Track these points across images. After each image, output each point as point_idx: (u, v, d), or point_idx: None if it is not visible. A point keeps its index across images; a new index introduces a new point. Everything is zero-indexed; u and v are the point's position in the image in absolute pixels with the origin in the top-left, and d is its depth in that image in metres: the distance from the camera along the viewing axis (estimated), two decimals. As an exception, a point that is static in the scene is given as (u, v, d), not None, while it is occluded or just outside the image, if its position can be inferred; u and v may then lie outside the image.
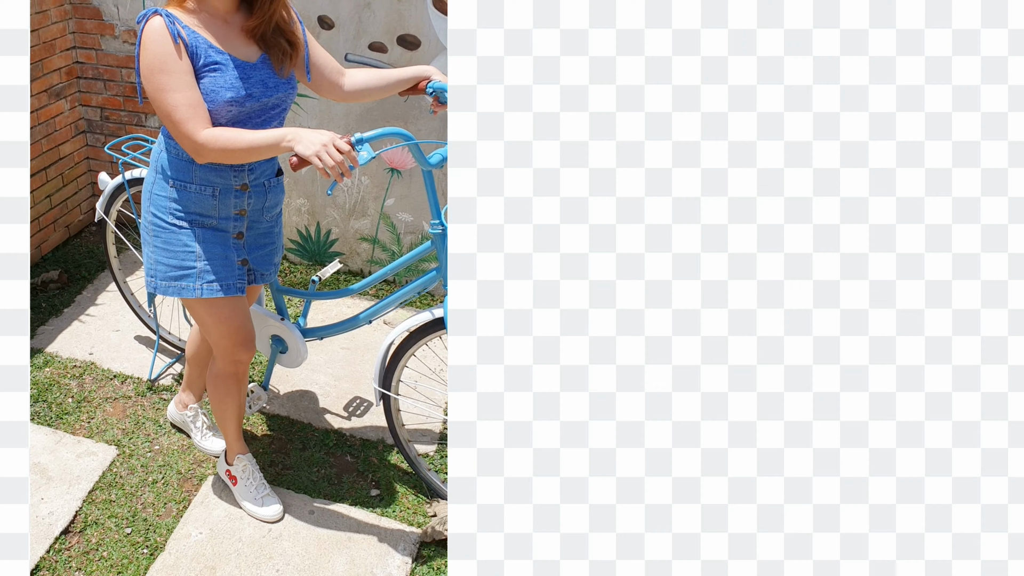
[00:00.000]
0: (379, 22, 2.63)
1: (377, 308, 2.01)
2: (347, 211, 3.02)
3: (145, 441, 2.23)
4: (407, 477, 2.18)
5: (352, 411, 2.43)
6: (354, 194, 2.98)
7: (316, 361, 2.63)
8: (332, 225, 3.04)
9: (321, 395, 2.49)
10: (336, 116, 2.82)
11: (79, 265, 3.11)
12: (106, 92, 3.18)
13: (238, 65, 1.59)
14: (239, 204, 1.71)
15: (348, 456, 2.25)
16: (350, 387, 2.53)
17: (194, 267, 1.68)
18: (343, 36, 2.70)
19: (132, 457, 2.17)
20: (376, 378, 1.95)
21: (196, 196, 1.66)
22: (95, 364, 2.53)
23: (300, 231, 3.08)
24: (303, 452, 2.25)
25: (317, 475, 2.17)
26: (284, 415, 2.38)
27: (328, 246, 3.08)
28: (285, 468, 2.19)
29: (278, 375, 2.55)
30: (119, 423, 2.29)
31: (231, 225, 1.72)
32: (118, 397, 2.39)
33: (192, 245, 1.68)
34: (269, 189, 1.76)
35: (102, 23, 3.03)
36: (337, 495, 2.11)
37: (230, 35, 1.60)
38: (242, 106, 1.59)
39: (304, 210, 3.04)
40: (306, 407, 2.43)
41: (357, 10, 2.64)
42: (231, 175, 1.67)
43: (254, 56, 1.63)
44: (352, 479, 2.17)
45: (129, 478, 2.10)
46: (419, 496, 2.11)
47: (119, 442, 2.22)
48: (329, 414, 2.42)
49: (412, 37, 2.63)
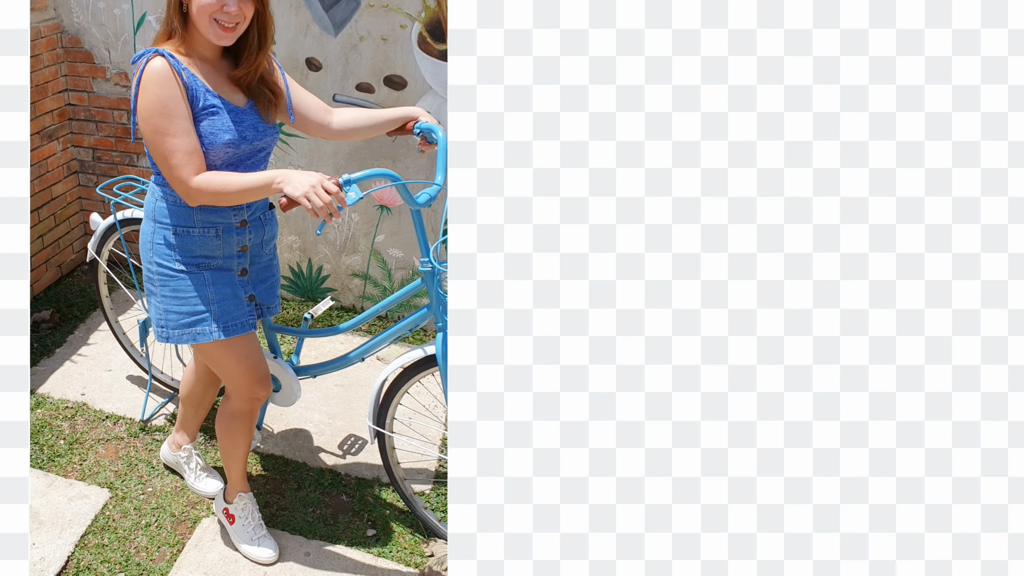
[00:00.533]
0: (366, 63, 2.69)
1: (370, 345, 2.01)
2: (338, 247, 3.06)
3: (138, 483, 2.20)
4: (403, 516, 2.16)
5: (347, 449, 2.41)
6: (345, 231, 3.01)
7: (310, 399, 2.61)
8: (324, 261, 3.07)
9: (316, 433, 2.47)
10: (325, 155, 2.86)
11: (71, 304, 3.10)
12: (98, 133, 3.22)
13: (231, 110, 1.62)
14: (240, 240, 1.73)
15: (344, 495, 2.23)
16: (345, 425, 2.51)
17: (207, 311, 1.68)
18: (331, 77, 2.75)
19: (125, 500, 2.14)
20: (370, 416, 1.94)
21: (200, 239, 1.67)
22: (87, 405, 2.50)
23: (292, 267, 3.11)
24: (298, 492, 2.23)
25: (312, 515, 2.15)
26: (279, 454, 2.36)
27: (320, 282, 3.11)
28: (280, 509, 2.16)
29: (272, 414, 2.53)
30: (112, 465, 2.25)
31: (235, 263, 1.73)
32: (111, 438, 2.37)
33: (203, 289, 1.68)
34: (265, 223, 1.79)
35: (94, 66, 3.09)
36: (333, 536, 2.09)
37: (219, 80, 1.63)
38: (237, 148, 1.62)
39: (296, 247, 3.07)
40: (301, 446, 2.41)
41: (344, 52, 2.69)
42: (230, 213, 1.69)
43: (243, 102, 1.66)
44: (348, 519, 2.14)
45: (122, 521, 2.07)
46: (416, 535, 2.10)
47: (112, 484, 2.19)
48: (324, 453, 2.40)
49: (398, 77, 2.69)
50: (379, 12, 2.61)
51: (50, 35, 3.00)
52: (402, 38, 2.62)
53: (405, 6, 2.59)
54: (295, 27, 2.72)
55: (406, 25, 2.60)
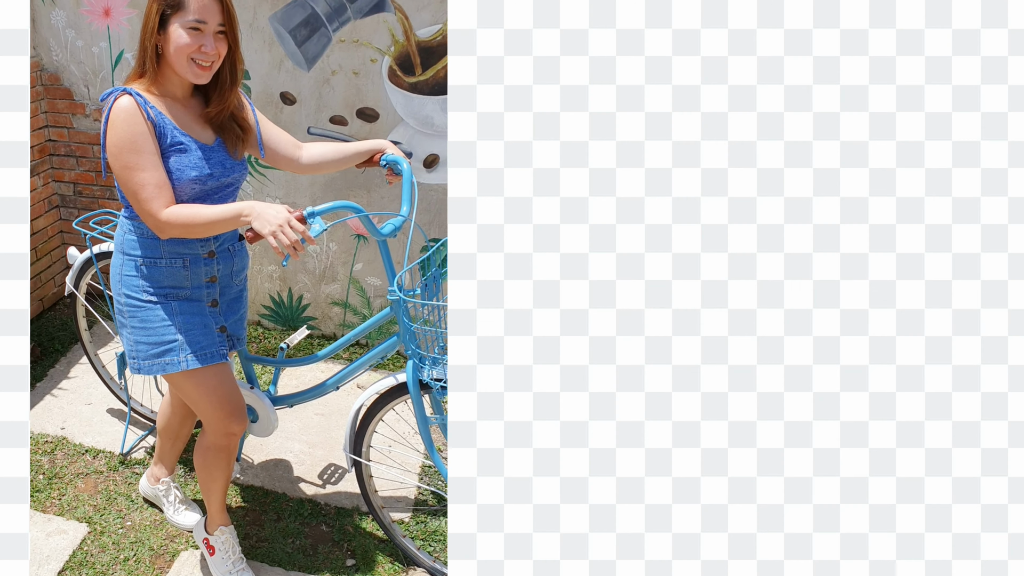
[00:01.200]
0: (338, 97, 2.76)
1: (345, 373, 2.02)
2: (317, 276, 3.10)
3: (117, 517, 2.19)
4: (383, 545, 2.15)
5: (327, 479, 2.41)
6: (323, 260, 3.06)
7: (290, 429, 2.60)
8: (303, 291, 3.11)
9: (296, 463, 2.46)
10: (302, 186, 2.91)
11: (52, 338, 3.08)
12: (78, 168, 3.25)
13: (199, 147, 1.66)
14: (209, 271, 1.75)
15: (323, 525, 2.22)
16: (324, 454, 2.50)
17: (176, 340, 1.70)
18: (305, 111, 2.82)
19: (103, 534, 2.13)
20: (347, 445, 1.95)
21: (167, 270, 1.70)
22: (67, 439, 2.48)
23: (272, 297, 3.14)
24: (278, 523, 2.22)
25: (292, 546, 2.14)
26: (258, 485, 2.35)
27: (300, 311, 3.14)
28: (260, 540, 2.16)
29: (252, 444, 2.52)
30: (90, 499, 2.25)
31: (204, 293, 1.75)
32: (90, 472, 2.35)
33: (169, 319, 1.70)
34: (235, 254, 1.82)
35: (73, 103, 3.13)
36: (312, 567, 2.08)
37: (188, 117, 1.67)
38: (204, 184, 1.65)
39: (276, 276, 3.11)
40: (280, 476, 2.41)
41: (317, 86, 2.76)
42: (197, 244, 1.72)
43: (211, 139, 1.69)
44: (327, 549, 2.14)
45: (100, 556, 2.06)
46: (395, 564, 2.09)
47: (90, 519, 2.18)
48: (304, 483, 2.39)
49: (370, 110, 2.75)
50: (350, 47, 2.68)
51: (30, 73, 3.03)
52: (373, 72, 2.70)
53: (375, 41, 2.66)
54: (269, 62, 2.78)
55: (376, 59, 2.68)
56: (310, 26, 2.67)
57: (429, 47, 2.60)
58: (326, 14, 2.64)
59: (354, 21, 2.63)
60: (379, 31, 2.64)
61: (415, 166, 2.76)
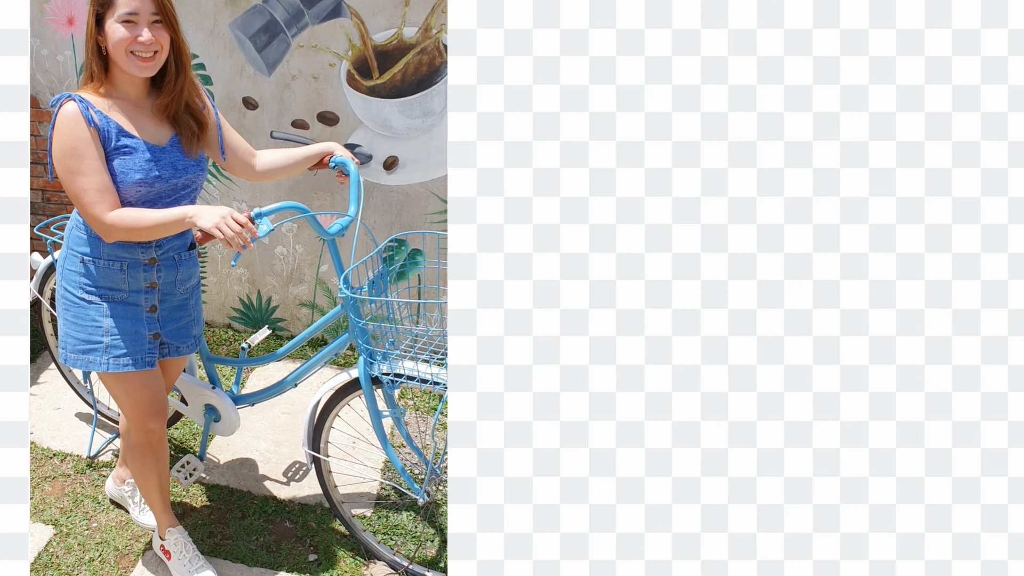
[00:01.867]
0: (299, 101, 2.81)
1: (302, 371, 2.06)
2: (285, 278, 3.13)
3: (83, 519, 2.21)
4: (345, 540, 2.17)
5: (291, 476, 2.43)
6: (290, 262, 3.09)
7: (257, 428, 2.62)
8: (272, 292, 3.14)
9: (261, 462, 2.48)
10: (266, 188, 2.96)
11: None
12: (46, 175, 3.24)
13: (149, 148, 1.67)
14: (149, 278, 1.76)
15: (287, 522, 2.25)
16: (290, 452, 2.53)
17: (101, 342, 1.74)
18: (267, 115, 2.87)
19: (69, 536, 2.15)
20: (306, 441, 1.99)
21: (105, 271, 1.72)
22: (35, 443, 2.49)
23: (242, 299, 3.18)
24: (242, 521, 2.24)
25: (256, 543, 2.16)
26: (224, 484, 2.37)
27: (270, 313, 3.18)
28: (224, 538, 2.17)
29: (218, 444, 2.54)
30: (57, 502, 2.26)
31: (142, 298, 1.77)
32: (57, 476, 2.36)
33: (100, 320, 1.73)
34: (180, 263, 1.82)
35: (40, 111, 3.13)
36: (275, 563, 2.10)
37: (141, 119, 1.68)
38: (151, 187, 1.67)
39: (244, 279, 3.14)
40: (246, 475, 2.42)
41: (278, 91, 2.82)
42: (138, 250, 1.73)
43: (165, 139, 1.71)
44: (291, 545, 2.17)
45: (65, 557, 2.08)
46: (356, 558, 2.12)
47: (56, 521, 2.19)
48: (269, 480, 2.41)
49: (331, 114, 2.81)
50: (309, 52, 2.74)
51: None
52: (332, 76, 2.76)
53: (333, 46, 2.72)
54: (231, 68, 2.82)
55: (335, 64, 2.74)
56: (269, 32, 2.74)
57: (385, 51, 2.64)
58: (284, 20, 2.69)
59: (312, 27, 2.69)
60: (336, 36, 2.69)
61: (375, 168, 2.80)
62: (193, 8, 2.71)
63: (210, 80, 2.82)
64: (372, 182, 2.84)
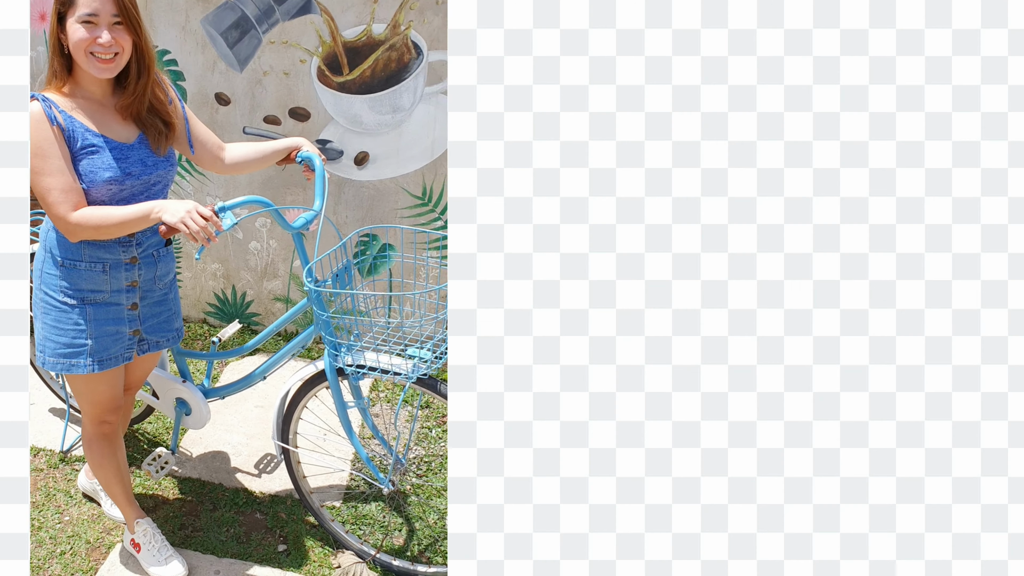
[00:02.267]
0: (271, 97, 2.84)
1: (268, 364, 2.10)
2: (259, 273, 3.15)
3: (55, 513, 2.23)
4: (314, 530, 2.20)
5: (263, 468, 2.46)
6: (264, 257, 3.12)
7: (230, 421, 2.65)
8: (247, 287, 3.16)
9: (233, 455, 2.51)
10: (240, 184, 2.98)
11: None
12: None
13: (115, 147, 1.66)
14: (130, 276, 1.77)
15: (258, 513, 2.27)
16: (262, 445, 2.56)
17: (85, 345, 1.75)
18: (239, 111, 2.89)
19: (41, 530, 2.17)
20: (275, 432, 2.02)
21: (87, 273, 1.72)
22: None
23: (217, 294, 3.20)
24: (213, 513, 2.27)
25: (226, 535, 2.19)
26: (196, 477, 2.40)
27: (245, 307, 3.20)
28: (195, 530, 2.20)
29: (191, 437, 2.57)
30: (30, 497, 2.27)
31: (124, 297, 1.78)
32: (30, 470, 2.39)
33: (83, 324, 1.73)
34: (159, 259, 1.84)
35: None
36: (244, 553, 2.13)
37: (106, 118, 1.67)
38: (121, 184, 1.67)
39: (219, 274, 3.16)
40: (218, 467, 2.45)
41: (250, 87, 2.84)
42: (119, 250, 1.73)
43: (132, 137, 1.70)
44: (260, 536, 2.19)
45: (36, 551, 2.10)
46: (325, 548, 2.15)
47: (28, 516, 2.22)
48: (241, 473, 2.44)
49: (302, 110, 2.85)
50: (279, 48, 2.77)
51: None
52: (302, 72, 2.79)
53: (303, 42, 2.75)
54: (203, 64, 2.84)
55: (305, 60, 2.77)
56: (240, 28, 2.76)
57: (355, 47, 2.67)
58: (255, 16, 2.72)
59: (282, 23, 2.71)
60: (307, 32, 2.71)
61: (346, 163, 2.82)
62: (165, 4, 2.72)
63: (182, 76, 2.83)
64: (343, 177, 2.86)
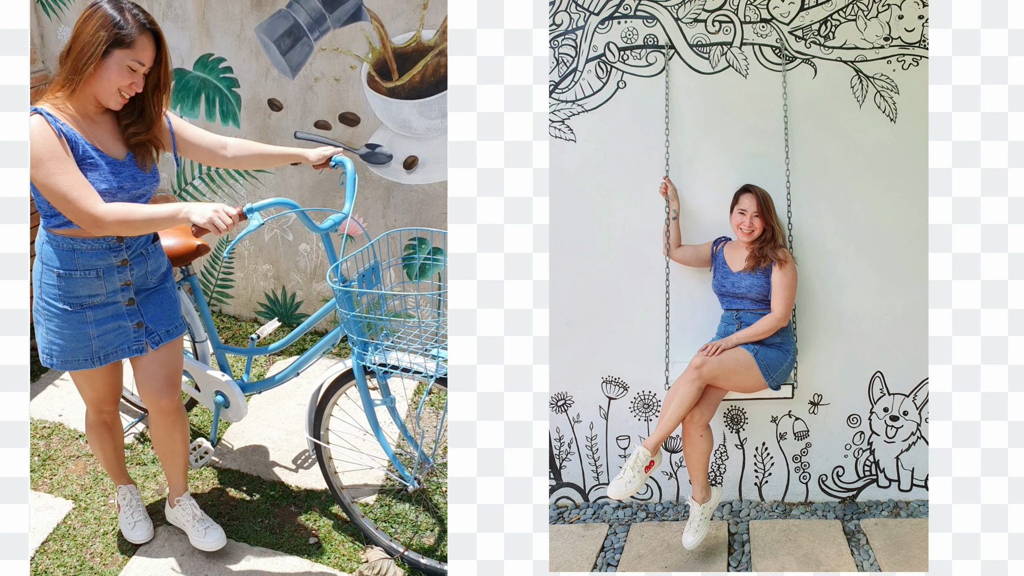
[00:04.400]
0: (322, 103, 2.90)
1: (301, 361, 2.17)
2: (308, 275, 3.22)
3: (101, 496, 2.31)
4: (346, 526, 2.25)
5: (300, 463, 2.52)
6: (314, 259, 3.19)
7: (271, 418, 2.71)
8: (296, 288, 3.24)
9: (272, 449, 2.57)
10: (291, 187, 3.08)
11: None
12: None
13: (110, 162, 1.73)
14: (123, 277, 1.85)
15: (292, 507, 2.33)
16: (301, 441, 2.62)
17: (88, 345, 1.83)
18: (291, 116, 2.97)
19: (87, 510, 2.25)
20: (308, 428, 2.09)
21: (82, 280, 1.79)
22: (63, 425, 2.60)
23: (268, 295, 3.27)
24: (249, 504, 2.33)
25: (260, 525, 2.25)
26: (235, 469, 2.47)
27: (295, 308, 3.28)
28: (231, 519, 2.26)
29: (234, 431, 2.63)
30: (79, 479, 2.36)
31: (119, 296, 1.86)
32: (81, 455, 2.46)
33: (84, 327, 1.81)
34: (148, 256, 1.91)
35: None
36: (276, 543, 2.19)
37: (99, 133, 1.74)
38: (114, 197, 1.73)
39: (270, 275, 3.23)
40: (257, 461, 2.51)
41: (302, 93, 2.91)
42: (111, 255, 1.80)
43: (123, 154, 1.78)
44: (293, 528, 2.25)
45: (82, 530, 2.18)
46: (355, 543, 2.19)
47: (76, 496, 2.30)
48: (278, 467, 2.50)
49: (352, 115, 2.90)
50: (331, 55, 2.82)
51: (38, 86, 3.03)
52: (353, 78, 2.84)
53: (354, 48, 2.80)
54: (256, 71, 2.91)
55: (355, 66, 2.81)
56: (293, 36, 2.83)
57: (405, 53, 2.72)
58: (307, 24, 2.79)
59: (334, 30, 2.77)
60: (357, 39, 2.76)
61: (395, 167, 2.88)
62: (222, 14, 2.78)
63: (236, 83, 2.91)
64: (393, 181, 2.90)
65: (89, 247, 1.75)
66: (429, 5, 2.63)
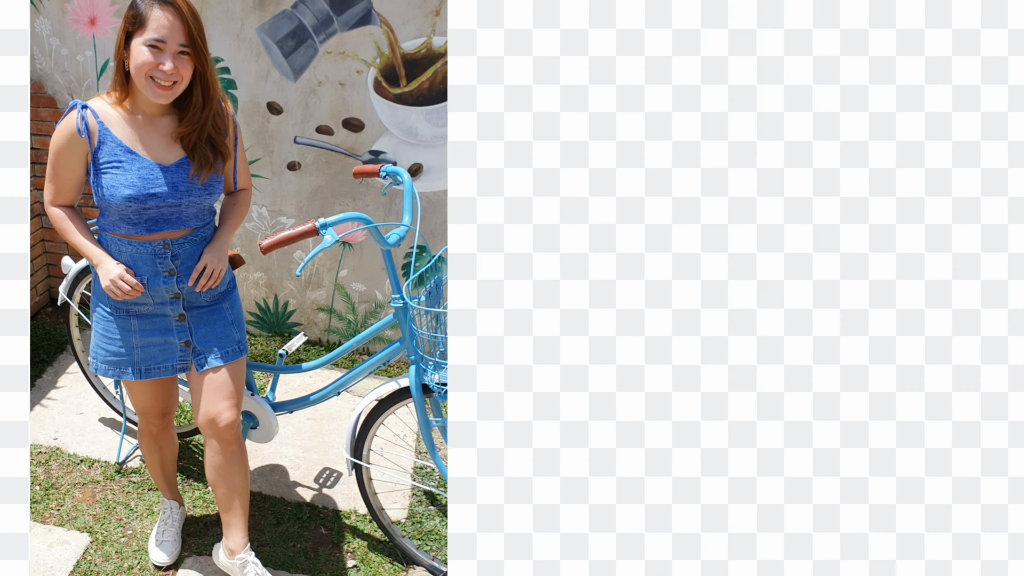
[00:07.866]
0: (325, 107, 2.82)
1: (346, 379, 2.05)
2: (303, 283, 3.15)
3: (118, 527, 2.18)
4: (382, 546, 2.17)
5: (323, 483, 2.43)
6: (309, 267, 3.09)
7: (283, 434, 2.62)
8: (289, 297, 3.15)
9: (291, 468, 2.48)
10: (288, 194, 2.96)
11: (37, 348, 3.01)
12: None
13: (145, 165, 1.64)
14: (170, 289, 1.76)
15: (323, 528, 2.24)
16: (319, 458, 2.53)
17: (130, 355, 1.78)
18: (291, 120, 2.87)
19: (106, 544, 2.12)
20: (347, 448, 1.98)
21: None
22: (60, 449, 2.47)
23: (259, 303, 3.19)
24: (277, 527, 2.23)
25: (293, 550, 2.15)
26: (256, 490, 2.37)
27: (287, 317, 3.19)
28: (261, 545, 2.16)
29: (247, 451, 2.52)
30: (90, 509, 2.23)
31: (168, 309, 1.78)
32: (86, 482, 2.34)
33: (127, 335, 1.77)
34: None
35: (56, 111, 3.11)
36: (315, 569, 2.09)
37: (151, 136, 1.66)
38: (143, 204, 1.65)
39: (262, 283, 3.15)
40: (277, 481, 2.43)
41: (304, 96, 2.82)
42: (156, 263, 1.73)
43: (172, 159, 1.68)
44: (328, 551, 2.16)
45: (104, 566, 2.05)
46: (395, 564, 2.11)
47: (91, 529, 2.16)
48: (300, 487, 2.41)
49: (356, 120, 2.82)
50: (336, 58, 2.74)
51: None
52: (359, 83, 2.76)
53: (361, 53, 2.72)
54: (256, 72, 2.82)
55: (362, 71, 2.75)
56: (297, 37, 2.74)
57: (414, 59, 2.66)
58: (313, 26, 2.70)
59: (340, 33, 2.69)
60: (365, 43, 2.68)
61: None
62: (221, 12, 2.71)
63: (234, 84, 2.83)
64: (397, 189, 2.85)
65: (135, 250, 1.70)
66: (441, 12, 2.60)
